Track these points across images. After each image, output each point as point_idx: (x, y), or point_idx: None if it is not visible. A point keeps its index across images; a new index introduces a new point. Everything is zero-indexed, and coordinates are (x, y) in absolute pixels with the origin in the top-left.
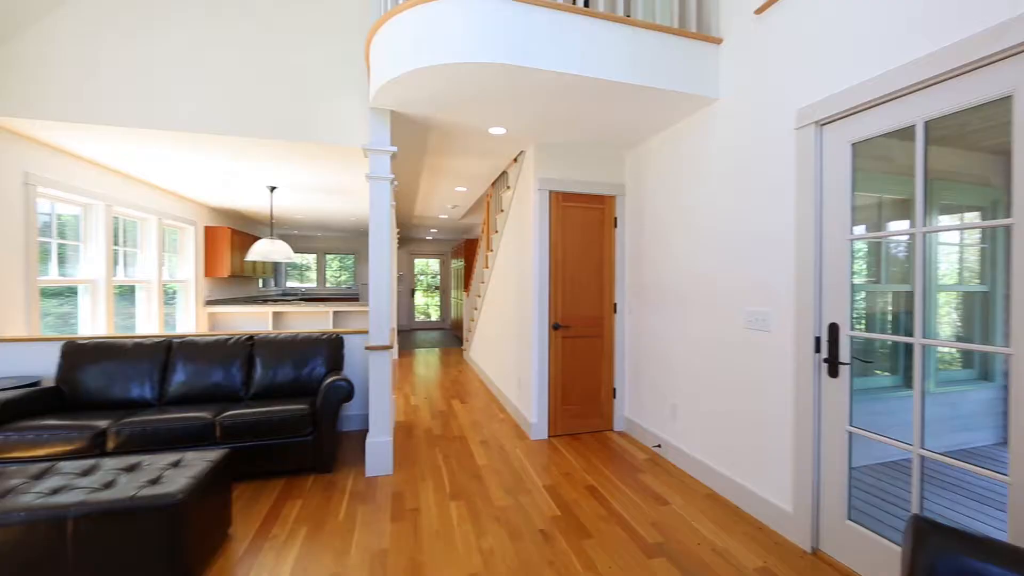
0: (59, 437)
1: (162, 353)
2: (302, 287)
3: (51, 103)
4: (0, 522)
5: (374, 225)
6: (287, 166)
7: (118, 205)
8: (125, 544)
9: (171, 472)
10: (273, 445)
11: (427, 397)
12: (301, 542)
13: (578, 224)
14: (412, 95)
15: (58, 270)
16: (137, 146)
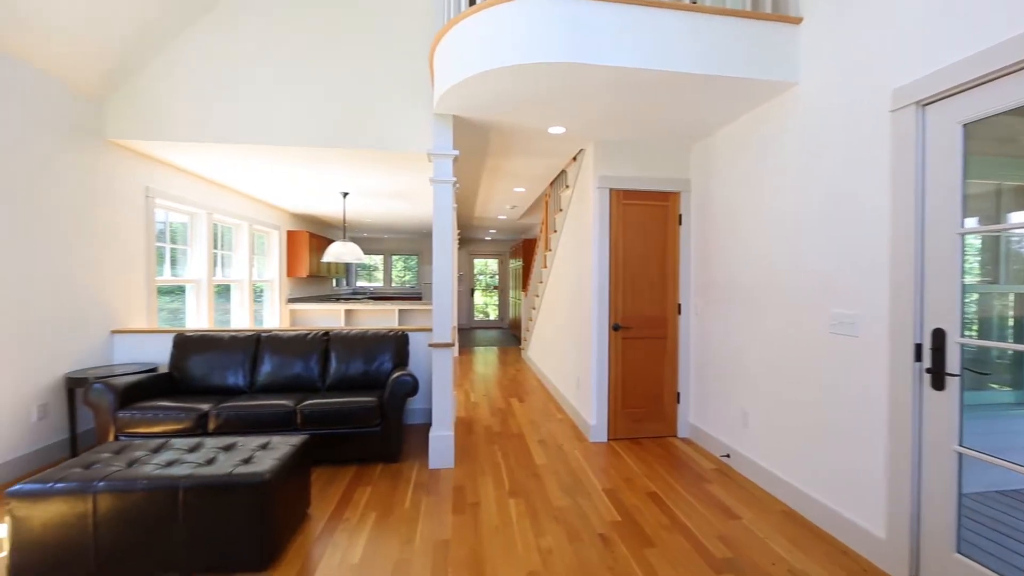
0: (172, 417)
1: (252, 346)
2: (370, 286)
3: (167, 126)
4: (130, 487)
5: (437, 227)
6: (358, 173)
7: (217, 213)
8: (224, 514)
9: (260, 453)
10: (346, 434)
11: (486, 394)
12: (371, 526)
13: (640, 222)
14: (474, 99)
15: (170, 271)
16: (233, 160)
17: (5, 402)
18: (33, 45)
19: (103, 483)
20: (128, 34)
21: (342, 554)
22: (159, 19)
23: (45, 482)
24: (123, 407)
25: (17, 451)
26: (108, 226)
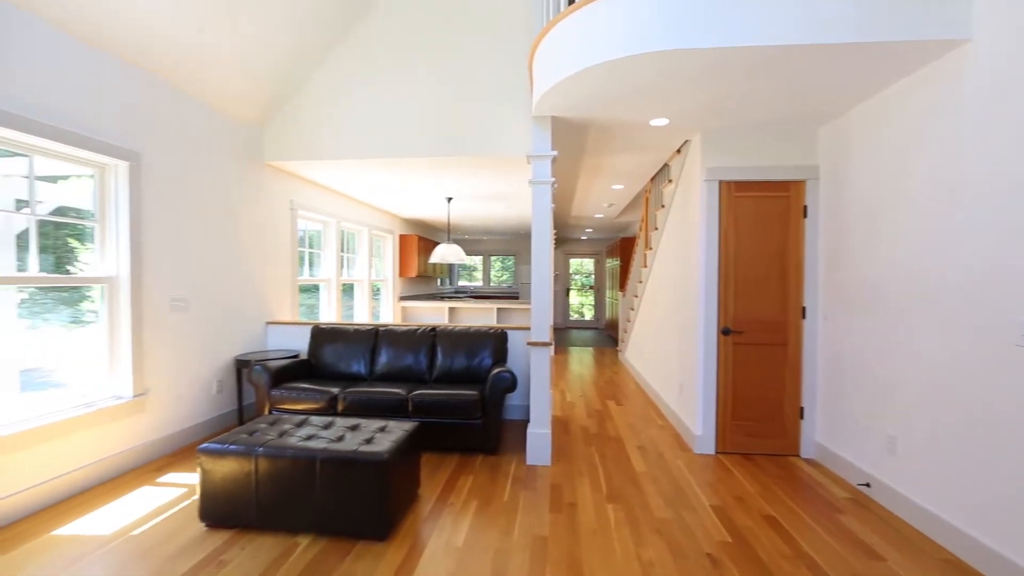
0: (310, 397)
1: (372, 338)
2: (470, 286)
3: (305, 148)
4: (280, 454)
5: (536, 228)
6: (462, 178)
7: (344, 221)
8: (350, 486)
9: (379, 435)
10: (450, 424)
11: (582, 395)
12: (473, 513)
13: (754, 215)
14: (574, 98)
15: (308, 272)
16: (356, 174)
17: (198, 378)
18: (213, 93)
19: (262, 449)
20: (276, 79)
21: (448, 536)
22: (299, 62)
23: (223, 443)
24: (275, 386)
25: (204, 416)
26: (264, 235)
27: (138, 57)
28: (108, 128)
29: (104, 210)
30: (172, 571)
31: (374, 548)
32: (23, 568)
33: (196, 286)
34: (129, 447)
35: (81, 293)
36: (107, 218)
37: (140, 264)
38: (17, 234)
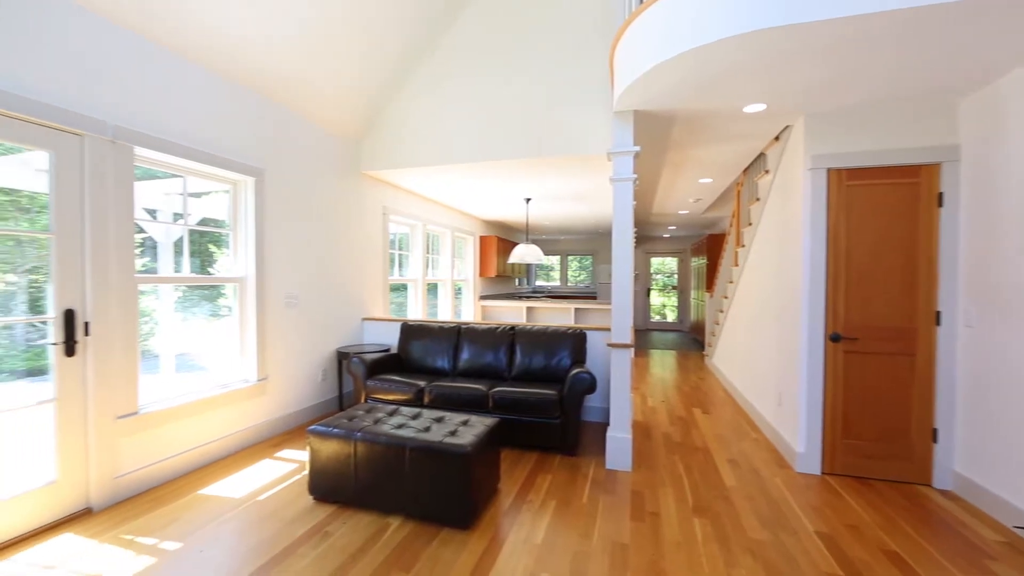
0: (400, 389)
1: (455, 335)
2: (547, 285)
3: (395, 157)
4: (375, 440)
5: (617, 226)
6: (540, 179)
7: (429, 224)
8: (436, 474)
9: (462, 428)
10: (528, 422)
11: (664, 400)
12: (551, 513)
13: (873, 206)
14: (657, 90)
15: (398, 272)
16: (440, 179)
17: (306, 366)
18: (319, 114)
19: (359, 434)
20: (370, 97)
21: (527, 533)
22: (389, 80)
23: (327, 427)
24: (369, 377)
25: (311, 401)
26: (360, 238)
27: (261, 86)
28: (241, 149)
29: (236, 220)
30: (288, 536)
31: (458, 536)
32: (178, 519)
33: (305, 285)
34: (253, 424)
35: (218, 291)
36: (238, 227)
37: (263, 266)
38: (174, 241)
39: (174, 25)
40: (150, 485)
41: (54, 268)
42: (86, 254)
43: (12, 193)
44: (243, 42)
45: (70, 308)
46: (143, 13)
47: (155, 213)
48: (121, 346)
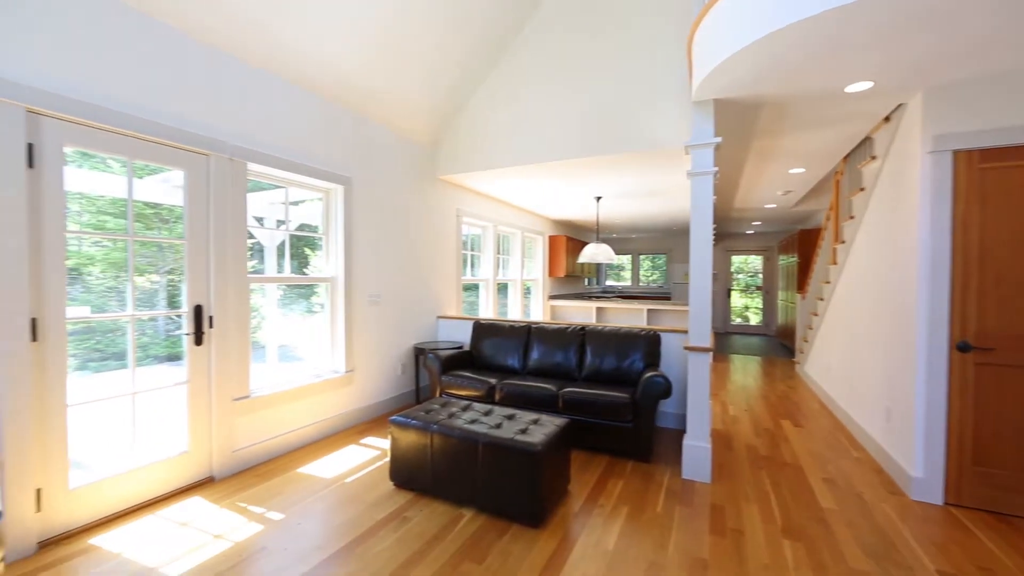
0: (472, 385)
1: (525, 335)
2: (618, 285)
3: (469, 160)
4: (450, 433)
5: (695, 223)
6: (612, 176)
7: (500, 225)
8: (507, 470)
9: (533, 427)
10: (599, 424)
11: (748, 409)
12: (623, 519)
13: (1015, 191)
14: (743, 75)
15: (470, 272)
16: (511, 180)
17: (386, 360)
18: (398, 123)
19: (436, 426)
20: (444, 106)
21: (598, 537)
22: (461, 89)
23: (406, 418)
24: (444, 373)
25: (390, 393)
26: (435, 240)
27: (348, 101)
28: (332, 160)
29: (328, 225)
30: (371, 517)
31: (527, 534)
32: (281, 493)
33: (386, 284)
34: (341, 412)
35: (311, 289)
36: (329, 231)
37: (351, 267)
38: (277, 245)
39: (277, 52)
40: (258, 461)
41: (187, 269)
42: (211, 257)
43: (156, 207)
44: (333, 63)
45: (199, 304)
46: (254, 42)
47: (262, 220)
48: (236, 337)
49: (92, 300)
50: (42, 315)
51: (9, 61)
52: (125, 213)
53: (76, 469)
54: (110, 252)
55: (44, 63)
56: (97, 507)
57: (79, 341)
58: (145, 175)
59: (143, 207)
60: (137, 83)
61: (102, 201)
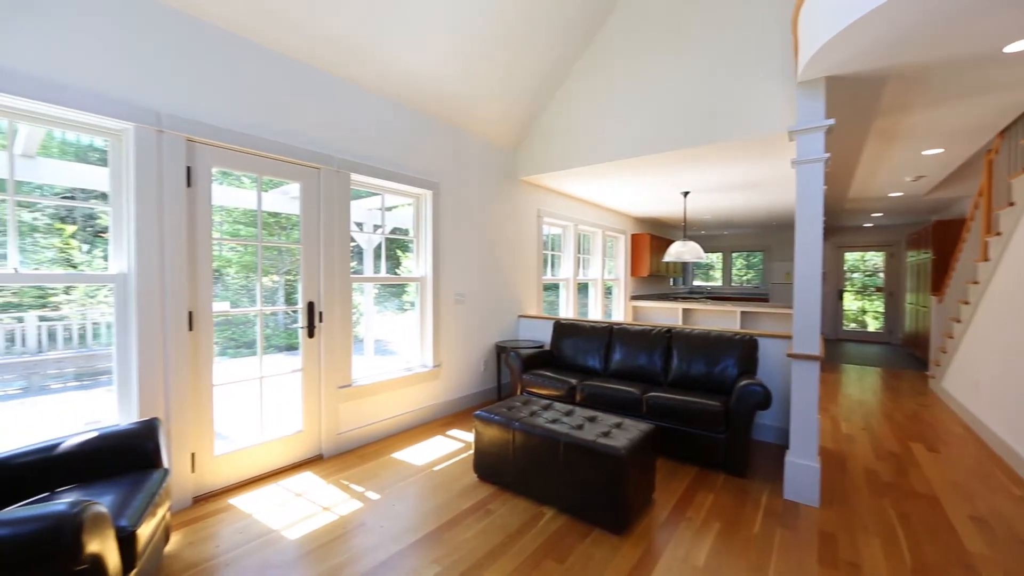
0: (552, 385)
1: (606, 335)
2: (707, 286)
3: (550, 160)
4: (531, 431)
5: (803, 216)
6: (700, 170)
7: (581, 224)
8: (589, 473)
9: (616, 431)
10: (687, 433)
11: (866, 428)
12: (715, 535)
13: None
14: (862, 46)
15: (550, 272)
16: (592, 179)
17: (470, 357)
18: (481, 128)
19: (517, 423)
20: (526, 108)
21: (685, 551)
22: (542, 91)
23: (489, 413)
24: (525, 371)
25: (474, 388)
26: (517, 240)
27: (436, 110)
28: (421, 167)
29: (418, 228)
30: (456, 506)
31: (609, 540)
32: (377, 475)
33: (470, 284)
34: (429, 404)
35: (402, 288)
36: (419, 234)
37: (439, 268)
38: (374, 248)
39: (378, 72)
40: (358, 444)
41: (302, 270)
42: (321, 259)
43: (277, 216)
44: (425, 78)
45: (311, 300)
46: (358, 65)
47: (361, 225)
48: (340, 331)
49: (229, 296)
50: (196, 309)
51: (175, 100)
52: (255, 222)
53: (219, 440)
54: (243, 256)
55: (198, 99)
56: (234, 472)
57: (219, 331)
58: (269, 188)
59: (267, 216)
60: (265, 108)
61: (236, 212)
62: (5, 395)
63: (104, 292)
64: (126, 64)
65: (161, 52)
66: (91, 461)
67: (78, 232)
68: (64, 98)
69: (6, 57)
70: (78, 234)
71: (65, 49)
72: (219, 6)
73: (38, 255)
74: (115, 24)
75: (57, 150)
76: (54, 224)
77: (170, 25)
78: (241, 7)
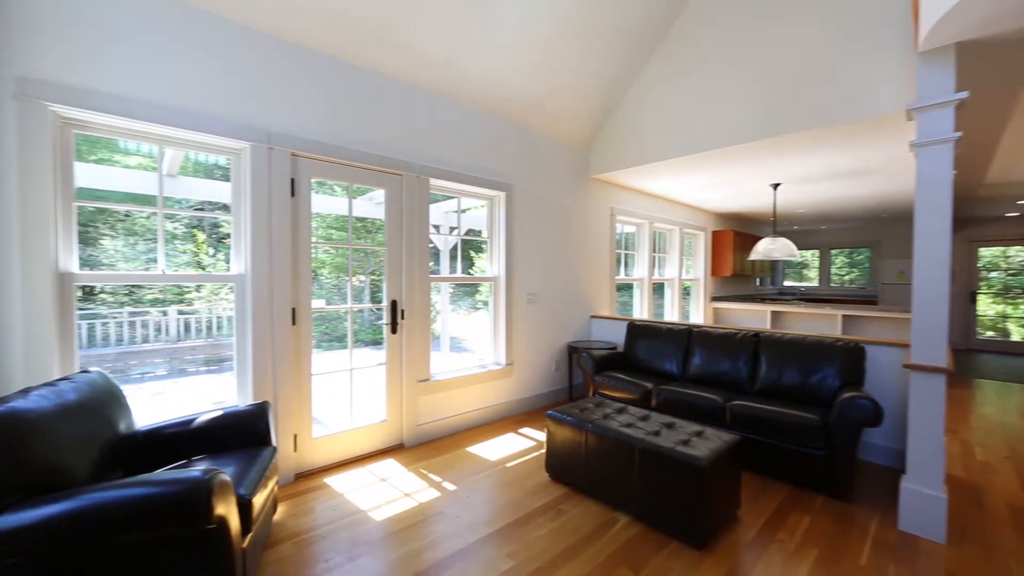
0: (626, 388)
1: (685, 338)
2: (800, 286)
3: (623, 157)
4: (604, 434)
5: (925, 206)
6: (794, 158)
7: (656, 222)
8: (667, 482)
9: (696, 440)
10: (778, 447)
11: (1010, 456)
12: (812, 563)
13: None
14: (1009, 1)
15: (623, 272)
16: (668, 174)
17: (542, 356)
18: (554, 128)
19: (590, 425)
20: (599, 105)
21: (775, 575)
22: (616, 86)
23: (562, 414)
24: (597, 373)
25: (545, 388)
26: (588, 239)
27: (508, 112)
28: (495, 169)
29: (491, 229)
30: (529, 504)
31: (688, 554)
32: (453, 467)
33: (542, 283)
34: (502, 401)
35: (475, 288)
36: (493, 234)
37: (511, 267)
38: (450, 249)
39: (456, 80)
40: (435, 436)
41: (386, 270)
42: (403, 260)
43: (363, 220)
44: (499, 82)
45: (394, 299)
46: (436, 74)
47: (437, 228)
48: (420, 328)
49: (323, 295)
50: (298, 305)
51: (281, 120)
52: (345, 227)
53: (316, 424)
54: (334, 258)
55: (299, 117)
56: (327, 455)
57: (315, 326)
58: (358, 195)
59: (355, 221)
60: (353, 121)
61: (329, 218)
62: (154, 376)
63: (225, 290)
64: (244, 92)
65: (270, 79)
66: (216, 435)
67: (206, 239)
68: (199, 124)
69: (155, 93)
70: (206, 240)
71: (200, 84)
72: (314, 30)
73: (177, 259)
74: (233, 59)
75: (191, 169)
76: (190, 232)
77: (276, 54)
78: (333, 28)
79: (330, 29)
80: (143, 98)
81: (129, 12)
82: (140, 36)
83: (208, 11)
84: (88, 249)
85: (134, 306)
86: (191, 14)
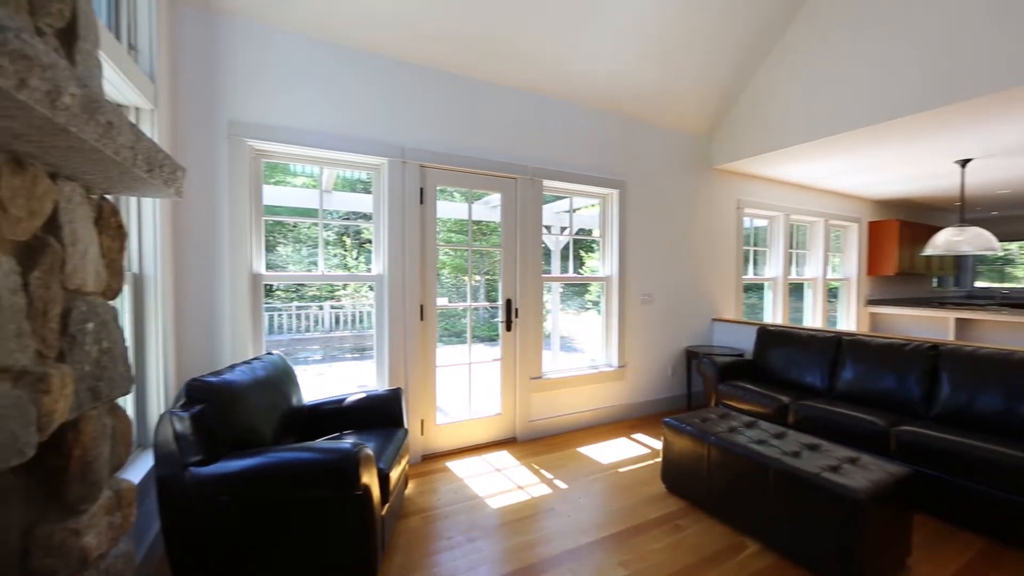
0: (757, 400)
1: (832, 348)
2: (1000, 288)
3: (752, 143)
4: (731, 449)
5: None
6: (988, 128)
7: (793, 214)
8: (810, 511)
9: (849, 467)
10: (968, 488)
11: None
12: None
13: None
14: None
15: (752, 270)
16: (808, 159)
17: (657, 360)
18: (671, 119)
19: (713, 438)
20: (722, 92)
21: None
22: (741, 69)
23: (681, 423)
24: (721, 381)
25: (660, 394)
26: (711, 236)
27: (620, 107)
28: (608, 167)
29: (604, 228)
30: (643, 513)
31: None
32: (564, 466)
33: (657, 283)
34: (613, 404)
35: (584, 288)
36: (605, 233)
37: (625, 267)
38: (561, 249)
39: (565, 82)
40: (546, 433)
41: (501, 270)
42: (517, 260)
43: (479, 223)
44: (609, 79)
45: (509, 298)
46: (546, 78)
47: (549, 228)
48: (533, 326)
49: (445, 293)
50: (425, 302)
51: (412, 135)
52: (465, 230)
53: (439, 412)
54: (454, 259)
55: (426, 131)
56: (449, 441)
57: (439, 322)
58: (475, 200)
59: (473, 224)
60: (471, 130)
61: (450, 222)
62: (313, 360)
63: (365, 289)
64: (382, 113)
65: (400, 98)
66: (360, 414)
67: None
68: (351, 146)
69: (319, 123)
70: (352, 245)
71: (349, 111)
72: (434, 51)
73: (329, 261)
74: (372, 84)
75: (340, 185)
76: (340, 238)
77: (406, 76)
78: (452, 48)
79: (449, 50)
80: (310, 127)
81: (299, 57)
82: (308, 76)
83: (365, 50)
84: (268, 255)
85: (299, 301)
86: (342, 52)
